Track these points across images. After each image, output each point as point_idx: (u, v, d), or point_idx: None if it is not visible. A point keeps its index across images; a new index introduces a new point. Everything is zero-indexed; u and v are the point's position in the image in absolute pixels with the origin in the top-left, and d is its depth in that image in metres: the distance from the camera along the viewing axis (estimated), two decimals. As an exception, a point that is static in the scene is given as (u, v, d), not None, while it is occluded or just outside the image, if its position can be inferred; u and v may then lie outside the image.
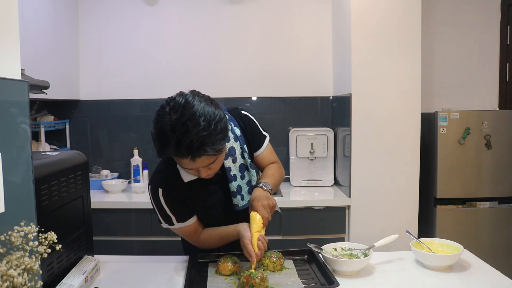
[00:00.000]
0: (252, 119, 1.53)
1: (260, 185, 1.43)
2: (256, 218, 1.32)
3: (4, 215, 0.85)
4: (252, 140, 1.52)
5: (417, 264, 1.44)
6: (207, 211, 1.45)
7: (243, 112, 1.52)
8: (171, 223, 1.41)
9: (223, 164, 1.40)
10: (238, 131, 1.46)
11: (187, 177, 1.38)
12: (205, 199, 1.43)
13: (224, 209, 1.46)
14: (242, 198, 1.44)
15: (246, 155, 1.45)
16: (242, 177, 1.44)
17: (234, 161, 1.43)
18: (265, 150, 1.55)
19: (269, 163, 1.58)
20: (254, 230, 1.31)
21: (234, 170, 1.42)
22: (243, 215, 1.41)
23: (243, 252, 1.32)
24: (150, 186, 1.39)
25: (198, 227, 1.46)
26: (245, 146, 1.46)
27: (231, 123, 1.43)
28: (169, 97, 1.21)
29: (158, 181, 1.39)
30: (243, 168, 1.45)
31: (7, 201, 0.86)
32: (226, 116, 1.28)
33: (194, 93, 1.23)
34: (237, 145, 1.44)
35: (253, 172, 1.47)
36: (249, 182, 1.47)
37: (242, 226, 1.35)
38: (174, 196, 1.38)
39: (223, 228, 1.43)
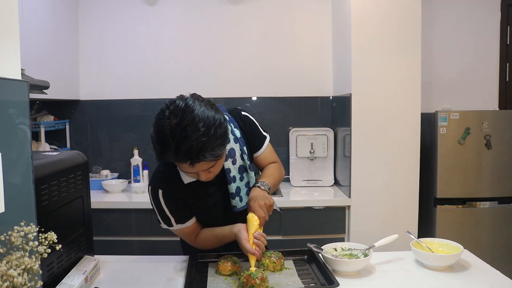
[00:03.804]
0: (252, 120, 1.53)
1: (258, 184, 1.43)
2: (253, 220, 1.31)
3: (4, 215, 0.85)
4: (252, 141, 1.52)
5: (417, 264, 1.44)
6: (206, 211, 1.45)
7: (243, 113, 1.52)
8: (170, 224, 1.41)
9: (223, 165, 1.39)
10: (238, 133, 1.46)
11: (187, 178, 1.37)
12: (204, 200, 1.43)
13: (223, 210, 1.46)
14: (241, 200, 1.44)
15: (245, 157, 1.44)
16: (241, 179, 1.44)
17: (234, 163, 1.42)
18: (265, 151, 1.55)
19: (269, 163, 1.58)
20: (251, 232, 1.31)
21: (234, 172, 1.42)
22: (242, 216, 1.41)
23: (244, 253, 1.32)
24: (150, 187, 1.39)
25: (197, 228, 1.46)
26: (244, 148, 1.45)
27: (231, 124, 1.43)
28: (169, 101, 1.20)
29: (158, 182, 1.39)
30: (242, 169, 1.45)
31: (7, 201, 0.86)
32: (226, 119, 1.28)
33: (195, 96, 1.21)
34: (237, 147, 1.44)
35: (252, 174, 1.47)
36: (247, 184, 1.46)
37: (237, 227, 1.35)
38: (174, 197, 1.38)
39: (219, 229, 1.43)
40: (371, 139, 2.61)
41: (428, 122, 2.79)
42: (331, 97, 3.16)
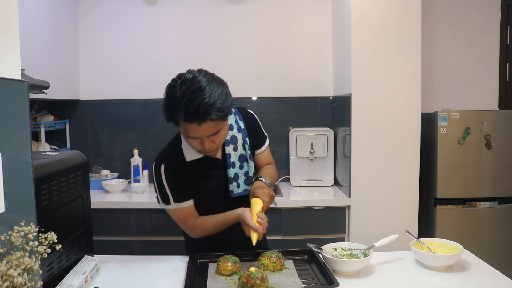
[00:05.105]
0: (257, 119, 1.64)
1: (260, 178, 1.52)
2: (257, 203, 1.39)
3: (4, 215, 0.85)
4: (256, 137, 1.61)
5: (417, 264, 1.44)
6: (205, 194, 1.51)
7: (249, 110, 1.64)
8: (168, 202, 1.47)
9: (224, 151, 1.49)
10: (242, 124, 1.56)
11: (189, 156, 1.46)
12: (204, 181, 1.50)
13: (221, 195, 1.53)
14: (238, 186, 1.52)
15: (247, 147, 1.54)
16: (241, 167, 1.53)
17: (235, 150, 1.52)
18: (265, 151, 1.66)
19: (266, 163, 1.67)
20: (254, 212, 1.37)
21: (234, 158, 1.51)
22: (239, 204, 1.47)
23: (245, 231, 1.37)
24: (154, 163, 1.48)
25: (194, 212, 1.50)
26: (247, 139, 1.55)
27: (236, 116, 1.56)
28: (179, 73, 1.36)
29: (162, 158, 1.49)
30: (243, 158, 1.53)
31: (7, 201, 0.86)
32: (230, 92, 1.38)
33: (201, 70, 1.36)
34: (239, 136, 1.53)
35: (252, 163, 1.56)
36: (246, 173, 1.54)
37: (241, 209, 1.42)
38: (175, 174, 1.45)
39: (220, 214, 1.48)
40: (371, 139, 2.61)
41: (428, 122, 2.79)
42: (331, 97, 3.16)
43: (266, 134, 1.67)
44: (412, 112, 2.60)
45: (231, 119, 1.54)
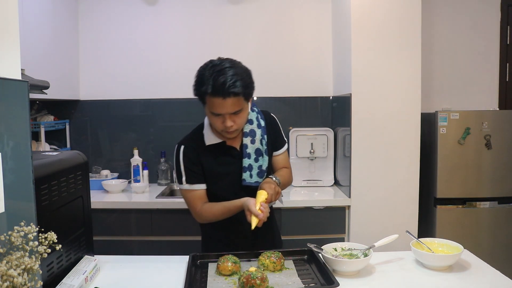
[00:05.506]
0: (278, 123, 1.74)
1: (271, 176, 1.60)
2: (262, 194, 1.46)
3: (4, 215, 0.85)
4: (275, 139, 1.70)
5: (417, 264, 1.44)
6: (218, 180, 1.59)
7: (272, 114, 1.74)
8: (181, 182, 1.59)
9: (242, 141, 1.60)
10: (262, 123, 1.66)
11: (209, 140, 1.58)
12: (219, 167, 1.59)
13: (233, 184, 1.60)
14: (251, 176, 1.60)
15: (264, 142, 1.63)
16: (256, 160, 1.61)
17: (252, 142, 1.61)
18: (283, 154, 1.75)
19: (282, 167, 1.75)
20: (258, 201, 1.43)
21: (250, 150, 1.60)
22: (249, 195, 1.51)
23: (246, 217, 1.43)
24: (176, 145, 1.61)
25: (203, 197, 1.59)
26: (265, 136, 1.64)
27: (259, 115, 1.67)
28: (210, 59, 1.54)
29: (183, 140, 1.63)
30: (259, 152, 1.62)
31: (7, 201, 0.86)
32: (253, 80, 1.55)
33: (229, 58, 1.55)
34: (258, 131, 1.63)
35: (266, 158, 1.64)
36: (260, 166, 1.62)
37: (246, 198, 1.49)
38: (192, 156, 1.58)
39: (227, 202, 1.55)
40: (371, 139, 2.61)
41: (428, 122, 2.79)
42: (331, 97, 3.16)
43: (285, 139, 1.76)
44: (412, 112, 2.60)
45: (253, 115, 1.64)
